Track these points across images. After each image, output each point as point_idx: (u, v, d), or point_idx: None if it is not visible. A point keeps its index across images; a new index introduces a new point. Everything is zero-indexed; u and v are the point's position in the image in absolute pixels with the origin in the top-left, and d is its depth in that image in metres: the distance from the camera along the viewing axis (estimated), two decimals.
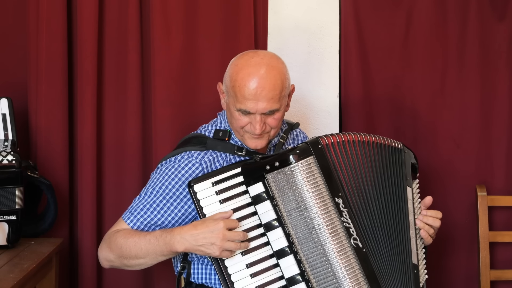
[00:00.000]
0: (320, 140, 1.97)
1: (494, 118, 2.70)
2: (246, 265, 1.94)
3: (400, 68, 2.72)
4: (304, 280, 1.91)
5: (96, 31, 2.51)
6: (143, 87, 2.59)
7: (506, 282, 2.70)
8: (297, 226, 1.92)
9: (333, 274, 1.89)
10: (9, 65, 2.58)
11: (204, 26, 2.57)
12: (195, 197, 1.96)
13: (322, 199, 1.92)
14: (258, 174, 1.95)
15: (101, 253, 2.09)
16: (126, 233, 2.04)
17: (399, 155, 2.10)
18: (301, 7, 2.72)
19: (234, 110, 2.03)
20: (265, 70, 2.00)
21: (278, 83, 2.01)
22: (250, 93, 1.98)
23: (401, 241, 2.01)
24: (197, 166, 2.07)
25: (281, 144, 2.18)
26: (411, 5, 2.70)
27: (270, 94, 1.99)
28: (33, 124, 2.51)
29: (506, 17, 2.68)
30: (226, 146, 2.10)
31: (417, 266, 2.02)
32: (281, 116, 2.07)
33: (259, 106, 1.99)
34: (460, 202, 2.71)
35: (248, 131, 2.05)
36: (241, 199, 1.98)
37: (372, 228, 1.97)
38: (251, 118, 2.02)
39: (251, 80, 1.99)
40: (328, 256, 1.89)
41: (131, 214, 2.08)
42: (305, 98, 2.74)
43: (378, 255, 1.95)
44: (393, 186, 2.05)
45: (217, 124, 2.17)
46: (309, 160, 1.93)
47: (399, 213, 2.03)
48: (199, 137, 2.14)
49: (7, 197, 2.21)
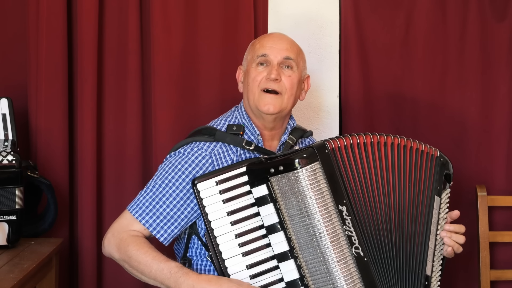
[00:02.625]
0: (327, 144, 1.93)
1: (494, 118, 2.71)
2: (246, 266, 1.93)
3: (400, 68, 2.72)
4: (303, 285, 1.89)
5: (96, 31, 2.51)
6: (143, 87, 2.59)
7: (506, 282, 2.70)
8: (298, 231, 1.89)
9: (331, 282, 1.87)
10: (9, 66, 2.58)
11: (204, 27, 2.58)
12: (198, 196, 1.95)
13: (325, 206, 1.88)
14: (262, 176, 1.93)
15: (108, 247, 2.05)
16: (141, 244, 2.00)
17: (430, 161, 2.05)
18: (301, 7, 2.72)
19: (252, 67, 2.12)
20: (282, 34, 2.21)
21: (295, 44, 2.18)
22: (268, 42, 2.14)
23: (415, 250, 1.97)
24: (206, 158, 2.07)
25: (290, 146, 2.18)
26: (411, 5, 2.70)
27: (288, 44, 2.15)
28: (33, 124, 2.51)
29: (506, 18, 2.69)
30: (235, 139, 2.11)
31: (429, 278, 1.98)
32: (295, 81, 2.13)
33: (277, 52, 2.12)
34: (460, 202, 2.70)
35: (263, 87, 2.10)
36: (244, 199, 1.96)
37: (378, 236, 1.93)
38: (268, 70, 2.10)
39: (270, 36, 2.21)
40: (328, 264, 1.87)
41: (138, 208, 2.05)
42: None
43: (381, 264, 1.92)
44: (417, 192, 2.00)
45: (230, 118, 2.17)
46: (314, 166, 1.88)
47: (419, 221, 1.99)
48: (208, 129, 2.15)
49: (7, 197, 2.21)
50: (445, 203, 2.08)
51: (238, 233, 1.94)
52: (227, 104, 2.28)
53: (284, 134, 2.20)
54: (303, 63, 2.18)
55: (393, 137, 2.02)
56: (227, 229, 1.94)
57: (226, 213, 1.95)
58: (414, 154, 2.03)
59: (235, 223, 1.94)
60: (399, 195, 1.99)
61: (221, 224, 1.94)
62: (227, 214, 1.95)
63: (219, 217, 1.95)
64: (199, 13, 2.58)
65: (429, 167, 2.05)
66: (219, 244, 1.93)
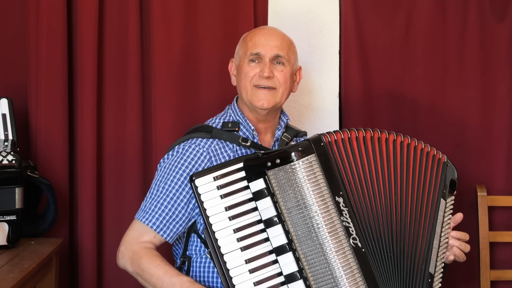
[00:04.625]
0: (322, 137, 1.97)
1: (494, 118, 2.70)
2: (245, 260, 1.93)
3: (400, 68, 2.72)
4: (302, 277, 1.90)
5: (96, 31, 2.51)
6: (143, 86, 2.59)
7: (506, 282, 2.70)
8: (296, 224, 1.91)
9: (330, 273, 1.88)
10: (9, 66, 2.58)
11: (204, 27, 2.58)
12: (196, 192, 1.96)
13: (322, 197, 1.91)
14: (259, 170, 1.95)
15: (121, 260, 2.09)
16: (153, 258, 2.03)
17: (437, 164, 2.07)
18: (301, 7, 2.72)
19: (245, 63, 2.16)
20: (274, 29, 2.25)
21: (286, 38, 2.21)
22: (260, 39, 2.17)
23: (418, 246, 1.98)
24: (204, 155, 2.10)
25: (285, 142, 2.21)
26: (411, 5, 2.70)
27: (278, 40, 2.17)
28: (33, 124, 2.51)
29: (506, 18, 2.69)
30: (231, 136, 2.14)
31: (433, 276, 1.99)
32: (288, 75, 2.17)
33: (269, 48, 2.15)
34: (460, 202, 2.70)
35: (255, 83, 2.13)
36: (242, 194, 1.97)
37: (377, 227, 1.95)
38: (261, 66, 2.14)
39: (261, 30, 2.23)
40: (326, 255, 1.89)
41: (146, 213, 2.09)
42: (305, 98, 2.74)
43: (379, 255, 1.93)
44: (421, 190, 2.02)
45: (225, 117, 2.21)
46: (311, 158, 1.92)
47: (424, 218, 2.00)
48: (205, 126, 2.19)
49: (7, 197, 2.21)
50: (449, 208, 2.09)
51: (236, 228, 1.94)
52: (227, 104, 2.28)
53: (278, 130, 2.23)
54: (294, 57, 2.22)
55: (396, 135, 2.05)
56: (225, 224, 1.95)
57: (224, 208, 1.95)
58: (419, 153, 2.05)
59: (233, 218, 1.95)
60: (401, 190, 2.00)
61: (219, 219, 1.95)
62: (225, 209, 1.95)
63: (217, 212, 1.95)
64: (199, 13, 2.58)
65: (435, 169, 2.07)
66: (217, 239, 1.93)
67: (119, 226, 2.49)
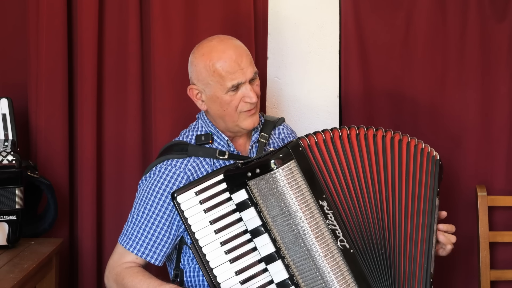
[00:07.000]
0: (300, 142, 1.93)
1: (494, 118, 2.70)
2: (235, 272, 1.93)
3: (400, 68, 2.72)
4: (293, 284, 1.89)
5: (96, 30, 2.51)
6: (143, 87, 2.59)
7: (506, 282, 2.70)
8: (282, 231, 1.89)
9: (321, 277, 1.87)
10: (9, 66, 2.59)
11: (204, 27, 2.57)
12: (179, 208, 1.95)
13: (306, 203, 1.89)
14: (240, 181, 1.92)
15: (107, 284, 2.11)
16: (135, 274, 2.04)
17: (432, 161, 2.05)
18: (301, 7, 2.72)
19: (224, 94, 2.06)
20: (230, 42, 2.11)
21: (245, 48, 2.11)
22: (233, 66, 2.05)
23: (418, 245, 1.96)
24: (182, 175, 2.07)
25: (263, 144, 2.18)
26: (411, 5, 2.70)
27: (248, 58, 2.08)
28: (33, 124, 2.51)
29: (506, 18, 2.68)
30: (207, 151, 2.11)
31: (432, 275, 1.99)
32: (259, 84, 2.13)
33: (247, 72, 2.06)
34: (460, 202, 2.70)
35: (242, 110, 2.08)
36: (225, 206, 1.96)
37: (366, 226, 1.93)
38: (243, 92, 2.06)
39: (227, 55, 2.06)
40: (315, 260, 1.87)
41: (128, 239, 2.09)
42: (305, 98, 2.74)
43: (370, 254, 1.91)
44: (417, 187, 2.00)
45: (197, 129, 2.18)
46: (291, 165, 1.88)
47: (421, 216, 1.99)
48: (180, 144, 2.14)
49: (7, 197, 2.22)
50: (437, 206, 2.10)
51: (223, 241, 1.94)
52: None
53: (255, 132, 2.19)
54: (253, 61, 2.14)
55: (385, 131, 2.02)
56: (211, 238, 1.94)
57: (209, 222, 1.95)
58: (413, 149, 2.04)
59: (219, 231, 1.94)
60: (393, 186, 1.98)
61: (205, 234, 1.94)
62: (210, 223, 1.95)
63: (203, 227, 1.95)
64: (199, 14, 2.58)
65: (430, 167, 2.05)
66: (205, 254, 1.93)
67: (119, 226, 2.47)
